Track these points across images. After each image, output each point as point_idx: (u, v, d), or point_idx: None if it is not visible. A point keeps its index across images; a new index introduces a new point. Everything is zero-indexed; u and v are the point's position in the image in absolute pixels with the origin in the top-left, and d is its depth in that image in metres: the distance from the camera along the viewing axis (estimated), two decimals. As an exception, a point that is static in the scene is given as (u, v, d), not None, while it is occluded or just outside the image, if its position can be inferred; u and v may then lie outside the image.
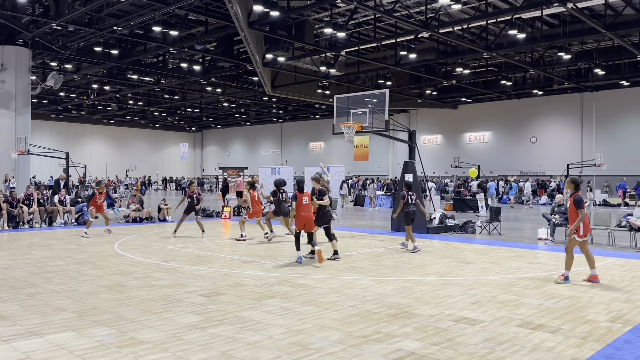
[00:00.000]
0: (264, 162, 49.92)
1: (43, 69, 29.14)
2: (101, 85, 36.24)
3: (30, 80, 24.05)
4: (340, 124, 14.20)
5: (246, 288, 7.23)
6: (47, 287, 7.17)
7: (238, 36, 23.14)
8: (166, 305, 6.23)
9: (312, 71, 28.08)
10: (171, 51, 26.89)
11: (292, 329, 5.32)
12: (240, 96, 39.11)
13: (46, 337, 4.99)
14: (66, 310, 5.95)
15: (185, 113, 49.31)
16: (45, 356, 4.45)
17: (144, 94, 39.37)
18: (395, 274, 8.40)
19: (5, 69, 22.27)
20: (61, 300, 6.45)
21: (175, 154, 56.94)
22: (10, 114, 22.86)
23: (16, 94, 22.89)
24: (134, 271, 8.43)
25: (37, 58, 26.33)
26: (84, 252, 10.42)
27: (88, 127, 52.47)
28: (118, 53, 26.11)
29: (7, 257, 9.71)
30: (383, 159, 45.72)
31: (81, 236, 12.85)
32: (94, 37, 24.24)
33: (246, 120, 54.24)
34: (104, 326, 5.35)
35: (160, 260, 9.49)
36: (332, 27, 20.09)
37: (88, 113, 48.19)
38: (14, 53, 22.67)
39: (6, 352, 4.53)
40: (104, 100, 41.85)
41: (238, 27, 21.10)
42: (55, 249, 10.95)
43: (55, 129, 48.47)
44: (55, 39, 24.26)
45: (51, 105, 42.50)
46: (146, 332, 5.16)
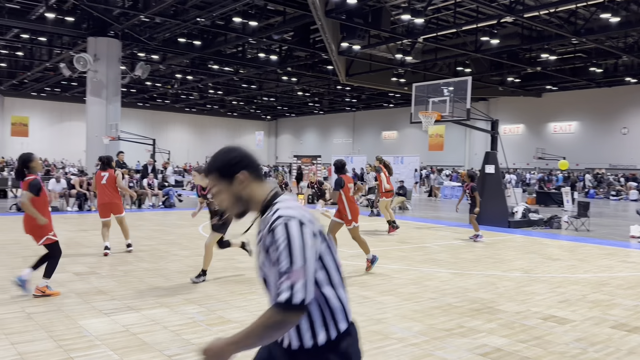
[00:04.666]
0: (336, 150, 50.12)
1: (132, 60, 30.80)
2: (184, 75, 37.82)
3: (120, 70, 25.47)
4: (419, 112, 13.94)
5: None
6: (140, 265, 7.65)
7: (314, 25, 23.26)
8: (250, 287, 6.46)
9: (387, 59, 27.71)
10: (250, 41, 27.50)
11: (372, 318, 5.34)
12: (315, 85, 39.40)
13: (142, 312, 5.33)
14: (159, 288, 6.32)
15: (262, 102, 50.44)
16: (142, 330, 4.76)
17: (224, 83, 40.65)
18: (476, 268, 8.19)
19: (98, 60, 23.67)
20: (153, 278, 6.87)
21: (251, 142, 58.33)
22: (102, 102, 24.34)
23: (107, 83, 24.32)
24: (219, 253, 8.77)
25: (126, 49, 27.82)
26: (171, 234, 11.00)
27: (171, 115, 55.02)
28: (200, 44, 27.12)
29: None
30: (459, 149, 44.46)
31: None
32: (178, 29, 25.27)
33: (319, 109, 54.63)
34: (194, 304, 5.64)
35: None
36: (410, 13, 19.67)
37: (172, 102, 50.52)
38: (105, 44, 24.04)
39: (107, 324, 4.90)
40: (187, 89, 43.69)
41: (315, 16, 21.19)
42: (145, 229, 11.64)
43: (141, 117, 51.24)
44: (143, 30, 25.54)
45: (138, 94, 44.94)
46: (233, 312, 5.38)
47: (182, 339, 4.55)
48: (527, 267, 8.39)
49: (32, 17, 23.81)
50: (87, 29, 23.67)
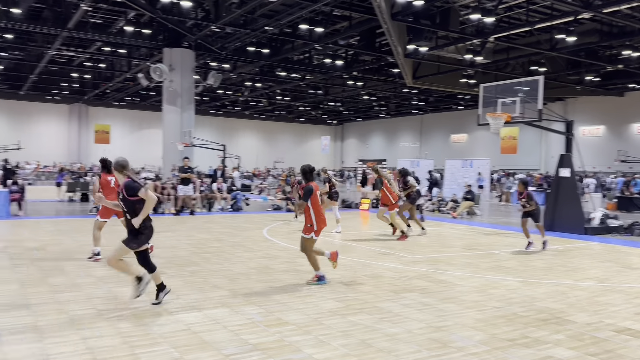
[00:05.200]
0: (402, 154, 49.49)
1: (204, 69, 32.05)
2: (253, 83, 38.88)
3: (194, 80, 26.57)
4: (487, 114, 13.48)
5: (384, 279, 7.25)
6: (206, 266, 7.92)
7: (380, 29, 23.14)
8: (308, 290, 6.50)
9: (456, 60, 27.05)
10: (316, 48, 27.81)
11: (432, 325, 5.21)
12: (381, 89, 39.17)
13: (204, 311, 5.51)
14: (222, 288, 6.51)
15: (328, 107, 50.83)
16: (203, 329, 4.92)
17: (291, 89, 41.37)
18: (546, 277, 7.78)
19: (173, 70, 24.81)
20: (217, 278, 7.08)
21: (317, 146, 58.96)
22: (177, 110, 25.47)
23: (182, 92, 25.42)
24: (280, 256, 8.94)
25: (199, 59, 28.99)
26: (237, 236, 11.30)
27: (241, 122, 56.68)
28: (269, 52, 27.80)
29: (173, 238, 10.93)
30: (533, 151, 42.50)
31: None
32: (247, 38, 26.01)
33: (386, 113, 54.23)
34: (254, 305, 5.75)
35: (304, 248, 9.93)
36: (480, 12, 19.09)
37: (242, 109, 52.06)
38: (179, 55, 25.17)
39: (171, 323, 5.10)
40: (256, 96, 44.87)
41: (381, 20, 21.08)
42: (213, 232, 12.05)
43: (213, 124, 53.15)
44: (215, 40, 26.52)
45: (211, 102, 46.70)
46: (291, 314, 5.44)
47: (240, 339, 4.66)
48: (603, 276, 7.86)
49: (113, 31, 25.43)
50: (163, 41, 24.90)
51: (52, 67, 33.80)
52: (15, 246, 9.43)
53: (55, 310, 5.39)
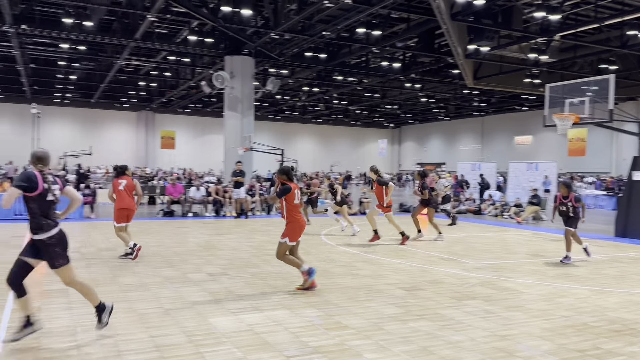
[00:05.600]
0: (463, 157, 48.34)
1: (263, 75, 32.70)
2: (311, 87, 39.26)
3: (253, 86, 27.17)
4: (553, 115, 12.94)
5: (445, 286, 7.10)
6: (266, 268, 8.06)
7: (439, 30, 22.76)
8: (368, 295, 6.47)
9: (519, 59, 26.15)
10: (373, 51, 27.75)
11: (497, 334, 5.05)
12: (440, 90, 38.47)
13: (265, 312, 5.61)
14: (281, 290, 6.61)
15: (385, 110, 50.50)
16: (265, 330, 5.01)
17: (348, 93, 41.44)
18: (619, 285, 7.36)
19: (234, 77, 25.45)
20: (277, 280, 7.19)
21: (374, 150, 58.66)
22: (237, 116, 26.09)
23: (242, 98, 26.02)
24: (338, 259, 8.96)
25: (258, 66, 29.61)
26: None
27: (299, 126, 57.34)
28: (326, 57, 28.01)
29: (235, 240, 11.20)
30: (603, 154, 40.33)
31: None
32: (305, 43, 26.32)
33: (444, 115, 53.19)
34: (314, 308, 5.79)
35: (361, 251, 9.91)
36: (544, 10, 18.38)
37: (299, 113, 52.71)
38: (240, 62, 25.79)
39: (234, 323, 5.23)
40: (313, 101, 45.28)
41: (440, 20, 20.73)
42: (272, 234, 12.23)
43: (272, 128, 54.07)
44: (273, 47, 27.01)
45: (269, 107, 47.58)
46: (351, 318, 5.43)
47: (301, 341, 4.70)
48: (685, 287, 7.34)
49: (177, 40, 26.45)
50: (224, 49, 25.62)
51: (120, 76, 35.57)
52: (88, 246, 9.98)
53: (126, 308, 5.65)
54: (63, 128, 45.35)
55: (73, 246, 9.62)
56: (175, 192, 16.61)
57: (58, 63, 33.01)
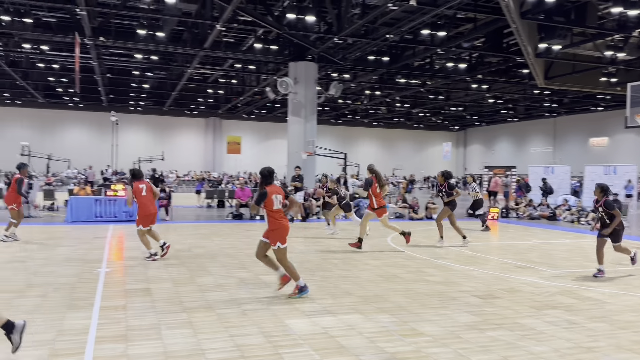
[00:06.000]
0: (533, 160, 46.45)
1: (326, 80, 32.95)
2: (373, 91, 39.12)
3: (316, 91, 27.44)
4: (636, 115, 12.20)
5: (523, 294, 6.85)
6: (335, 272, 8.10)
7: (508, 29, 22.04)
8: (441, 302, 6.36)
9: (594, 58, 24.83)
10: (438, 52, 27.29)
11: (582, 345, 4.82)
12: (508, 91, 37.20)
13: (338, 316, 5.64)
14: (352, 295, 6.62)
15: (449, 112, 49.45)
16: (339, 333, 5.04)
17: (411, 96, 40.95)
18: None
19: (297, 82, 25.83)
20: (347, 285, 7.21)
21: (438, 153, 57.59)
22: (300, 121, 26.44)
23: (305, 103, 26.35)
24: (407, 265, 8.86)
25: (321, 70, 29.88)
26: (362, 243, 11.34)
27: (361, 130, 57.27)
28: (389, 59, 27.83)
29: (302, 244, 11.34)
30: (690, 155, 37.47)
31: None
32: (368, 47, 26.28)
33: (513, 116, 51.34)
34: (386, 313, 5.76)
35: (431, 257, 9.74)
36: (621, 5, 17.37)
37: (361, 117, 52.62)
38: (303, 68, 26.14)
39: (309, 325, 5.29)
40: (375, 104, 45.10)
41: (509, 19, 20.07)
42: (338, 238, 12.28)
43: (334, 133, 54.34)
44: (336, 52, 27.18)
45: (331, 111, 47.84)
46: (425, 325, 5.36)
47: (377, 346, 4.69)
48: None
49: (243, 48, 27.19)
50: (288, 55, 26.07)
51: (190, 84, 37.01)
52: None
53: (205, 308, 5.86)
54: (137, 134, 47.71)
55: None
56: (244, 195, 17.04)
57: (132, 73, 34.84)
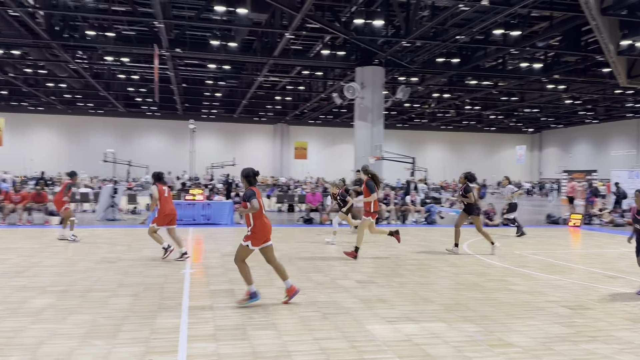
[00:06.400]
0: (615, 164, 43.70)
1: (393, 84, 32.70)
2: (441, 94, 38.38)
3: (383, 95, 27.27)
4: None
5: (616, 306, 6.44)
6: (412, 279, 7.98)
7: (587, 26, 20.92)
8: (528, 312, 6.10)
9: (685, 53, 23.07)
10: (511, 52, 26.37)
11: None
12: (587, 91, 35.28)
13: (421, 324, 5.55)
14: (433, 302, 6.49)
15: (523, 114, 47.57)
16: (424, 341, 4.96)
17: (482, 98, 39.79)
18: None
19: (364, 87, 25.78)
20: (427, 292, 7.08)
21: (511, 157, 55.50)
22: (367, 125, 26.35)
23: (372, 108, 26.23)
24: (488, 273, 8.58)
25: (388, 74, 29.68)
26: (436, 250, 11.15)
27: (428, 134, 56.31)
28: (458, 61, 27.21)
29: (375, 248, 11.27)
30: None
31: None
32: (437, 49, 25.85)
33: (593, 118, 48.59)
34: (471, 323, 5.60)
35: (512, 265, 9.39)
36: None
37: (429, 120, 51.77)
38: (370, 72, 26.04)
39: (391, 332, 5.24)
40: (443, 107, 44.20)
41: (588, 16, 19.03)
42: (410, 244, 12.12)
43: (400, 137, 53.75)
44: (404, 55, 26.91)
45: (397, 115, 47.40)
46: (513, 336, 5.16)
47: (464, 356, 4.57)
48: None
49: (311, 55, 27.54)
50: (355, 60, 26.12)
51: (259, 91, 37.94)
52: (242, 251, 10.70)
53: (287, 310, 5.96)
54: (209, 141, 49.47)
55: (227, 250, 10.44)
56: (314, 200, 17.22)
57: (205, 82, 36.21)
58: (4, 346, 4.60)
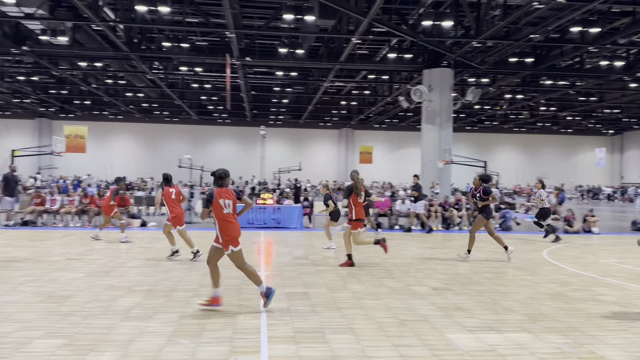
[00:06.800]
0: None
1: (461, 85, 31.92)
2: (514, 95, 37.01)
3: (452, 97, 26.66)
4: None
5: None
6: (491, 287, 7.71)
7: (677, 19, 19.51)
8: (620, 324, 5.73)
9: None
10: (589, 50, 25.01)
11: None
12: (676, 89, 32.82)
13: (504, 334, 5.34)
14: (515, 312, 6.23)
15: (603, 115, 44.90)
16: (509, 352, 4.77)
17: (557, 98, 37.97)
18: None
19: (432, 90, 25.32)
20: (507, 301, 6.81)
21: (589, 160, 52.57)
22: (435, 129, 25.84)
23: (440, 111, 25.70)
24: (571, 282, 8.15)
25: (457, 76, 29.01)
26: (514, 257, 10.69)
27: (499, 136, 54.41)
28: (532, 61, 26.15)
29: (448, 254, 11.01)
30: None
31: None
32: (509, 49, 24.97)
33: (682, 117, 45.14)
34: (558, 334, 5.33)
35: (598, 274, 8.86)
36: None
37: (500, 123, 50.02)
38: (439, 75, 25.53)
39: (473, 341, 5.09)
40: (516, 109, 42.57)
41: (679, 8, 17.76)
42: (486, 251, 11.73)
43: (469, 140, 52.27)
44: (474, 56, 26.20)
45: (466, 118, 46.16)
46: (605, 349, 4.87)
47: (553, 368, 4.36)
48: None
49: (377, 59, 27.43)
50: (422, 63, 25.73)
51: (324, 97, 38.24)
52: (313, 254, 10.80)
53: (363, 315, 5.94)
54: (276, 146, 50.41)
55: (299, 254, 10.58)
56: (383, 205, 17.09)
57: (273, 89, 36.97)
58: (98, 342, 4.88)
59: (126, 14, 20.77)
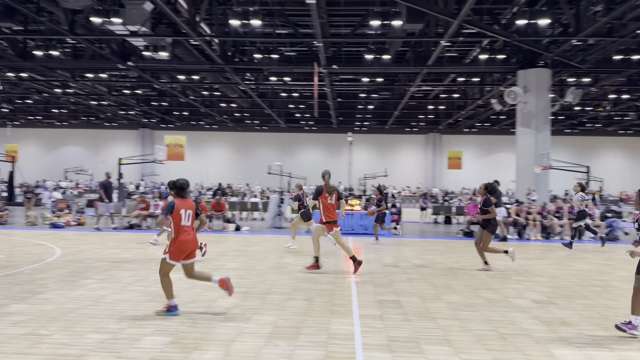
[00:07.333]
0: None
1: (560, 86, 30.10)
2: (619, 95, 34.31)
3: (549, 99, 25.21)
4: None
5: None
6: (599, 301, 7.18)
7: None
8: None
9: None
10: None
11: None
12: None
13: (616, 352, 4.97)
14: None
15: None
16: (625, 372, 4.41)
17: (668, 97, 34.71)
18: None
19: (527, 91, 24.10)
20: (618, 317, 6.28)
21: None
22: (531, 132, 24.55)
23: (537, 113, 24.38)
24: None
25: (555, 76, 27.40)
26: (624, 271, 9.87)
27: (602, 140, 50.59)
28: (639, 58, 24.10)
29: (550, 266, 10.40)
30: None
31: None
32: (613, 46, 23.20)
33: None
34: (682, 356, 4.85)
35: None
36: None
37: (603, 125, 46.56)
38: (534, 75, 24.25)
39: (581, 358, 4.77)
40: (621, 109, 39.42)
41: None
42: (592, 262, 10.95)
43: (569, 143, 49.05)
44: (573, 55, 24.63)
45: (565, 120, 43.43)
46: None
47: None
48: None
49: (467, 61, 26.60)
50: (516, 63, 24.60)
51: (411, 102, 37.71)
52: (404, 262, 10.65)
53: (459, 327, 5.75)
54: (362, 152, 50.49)
55: (389, 261, 10.49)
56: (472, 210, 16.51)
57: (359, 95, 37.09)
58: (201, 341, 5.13)
59: (221, 29, 21.82)
